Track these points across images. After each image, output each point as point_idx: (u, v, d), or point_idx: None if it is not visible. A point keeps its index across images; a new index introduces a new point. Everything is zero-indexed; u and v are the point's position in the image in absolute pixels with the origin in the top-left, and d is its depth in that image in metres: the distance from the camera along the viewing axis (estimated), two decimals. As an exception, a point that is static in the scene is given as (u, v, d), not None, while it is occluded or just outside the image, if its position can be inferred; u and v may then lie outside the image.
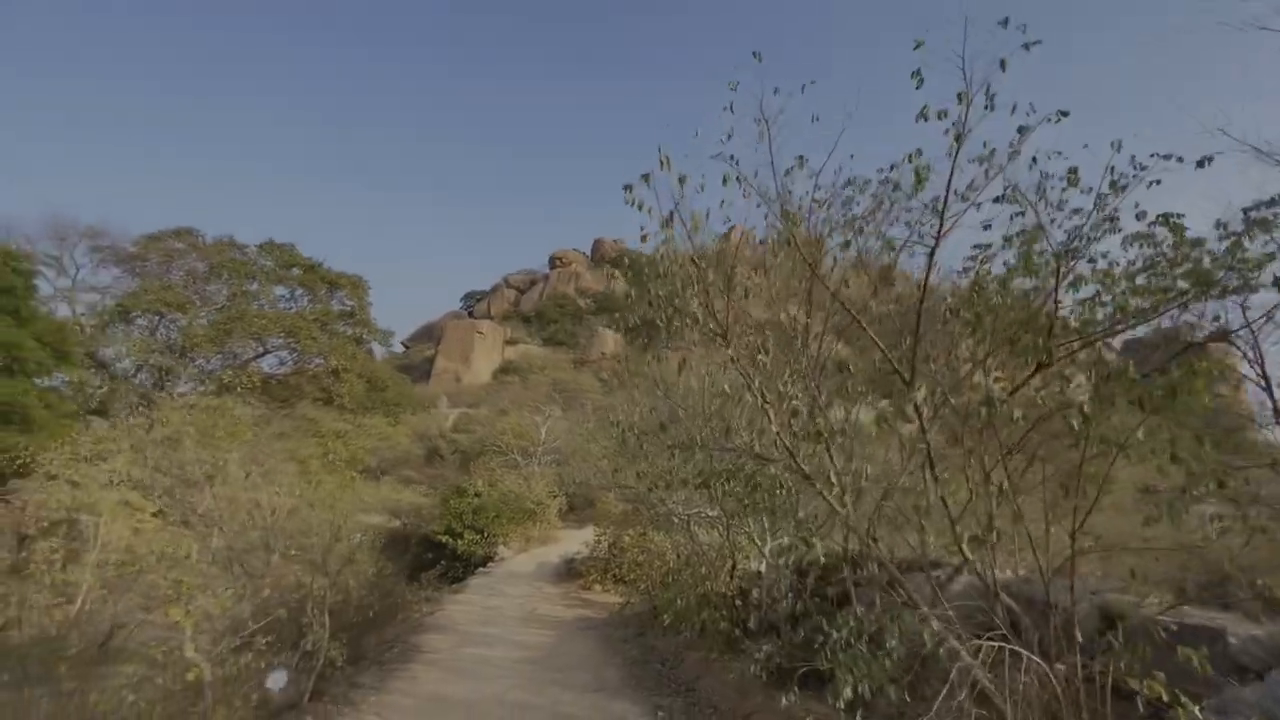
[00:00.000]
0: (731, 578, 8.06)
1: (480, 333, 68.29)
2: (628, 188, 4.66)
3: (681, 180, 4.71)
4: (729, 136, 4.64)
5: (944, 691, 3.48)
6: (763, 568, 8.60)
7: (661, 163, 4.61)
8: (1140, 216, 3.80)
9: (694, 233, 4.95)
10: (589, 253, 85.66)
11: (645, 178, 4.63)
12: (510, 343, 70.55)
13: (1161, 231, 3.75)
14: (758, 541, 8.39)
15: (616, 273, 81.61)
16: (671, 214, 4.86)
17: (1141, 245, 3.82)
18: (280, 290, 23.75)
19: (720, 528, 9.35)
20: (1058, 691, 3.44)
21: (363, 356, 24.18)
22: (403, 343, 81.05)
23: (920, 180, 4.25)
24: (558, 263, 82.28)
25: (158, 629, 9.76)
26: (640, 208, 4.81)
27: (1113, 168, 3.81)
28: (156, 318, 19.82)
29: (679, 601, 7.89)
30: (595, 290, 76.35)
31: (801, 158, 4.75)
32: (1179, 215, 3.70)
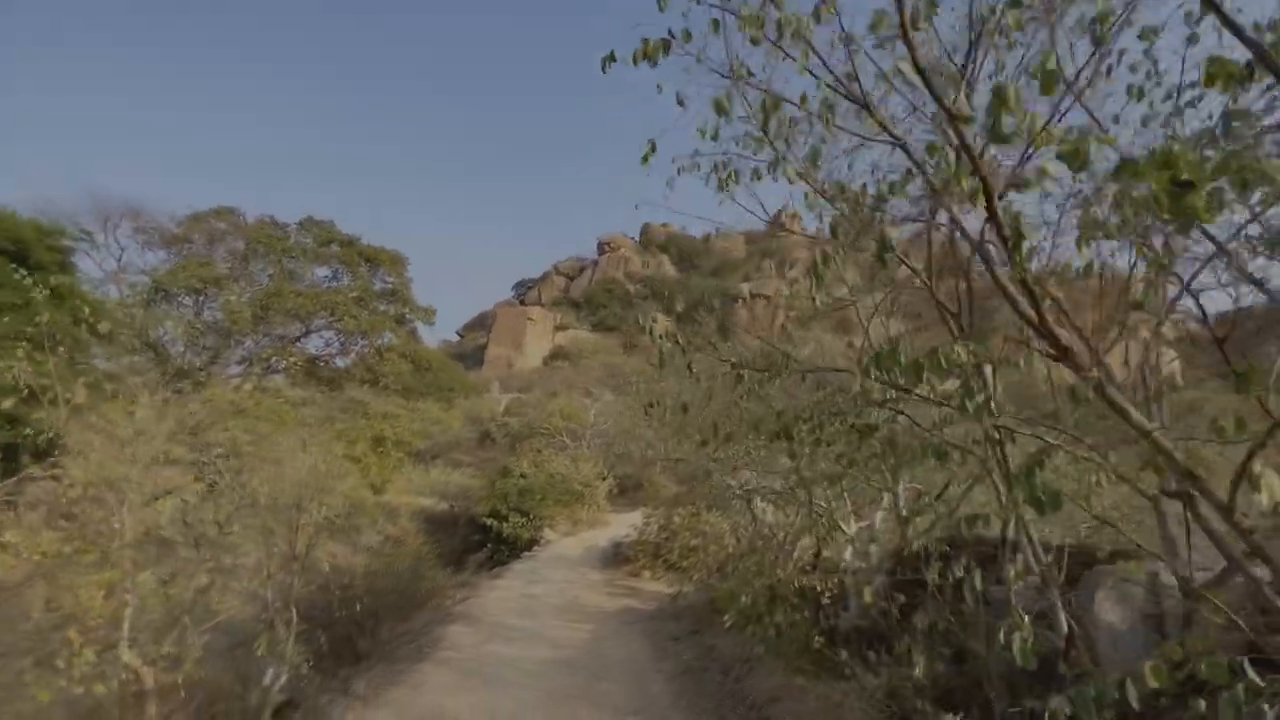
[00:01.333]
0: (814, 567, 6.27)
1: (531, 319, 67.82)
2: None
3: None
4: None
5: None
6: (847, 555, 6.80)
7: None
8: None
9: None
10: (637, 238, 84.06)
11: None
12: (560, 328, 69.82)
13: None
14: (841, 523, 6.58)
15: (665, 257, 79.74)
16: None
17: None
18: (322, 271, 23.00)
19: (790, 505, 7.57)
20: None
21: (404, 335, 23.22)
22: (457, 332, 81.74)
23: None
24: (606, 248, 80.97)
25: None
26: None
27: None
28: (200, 297, 19.25)
29: (743, 597, 6.17)
30: (643, 275, 74.77)
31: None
32: None
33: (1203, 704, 1.81)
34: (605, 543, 17.74)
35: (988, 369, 3.07)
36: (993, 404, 3.24)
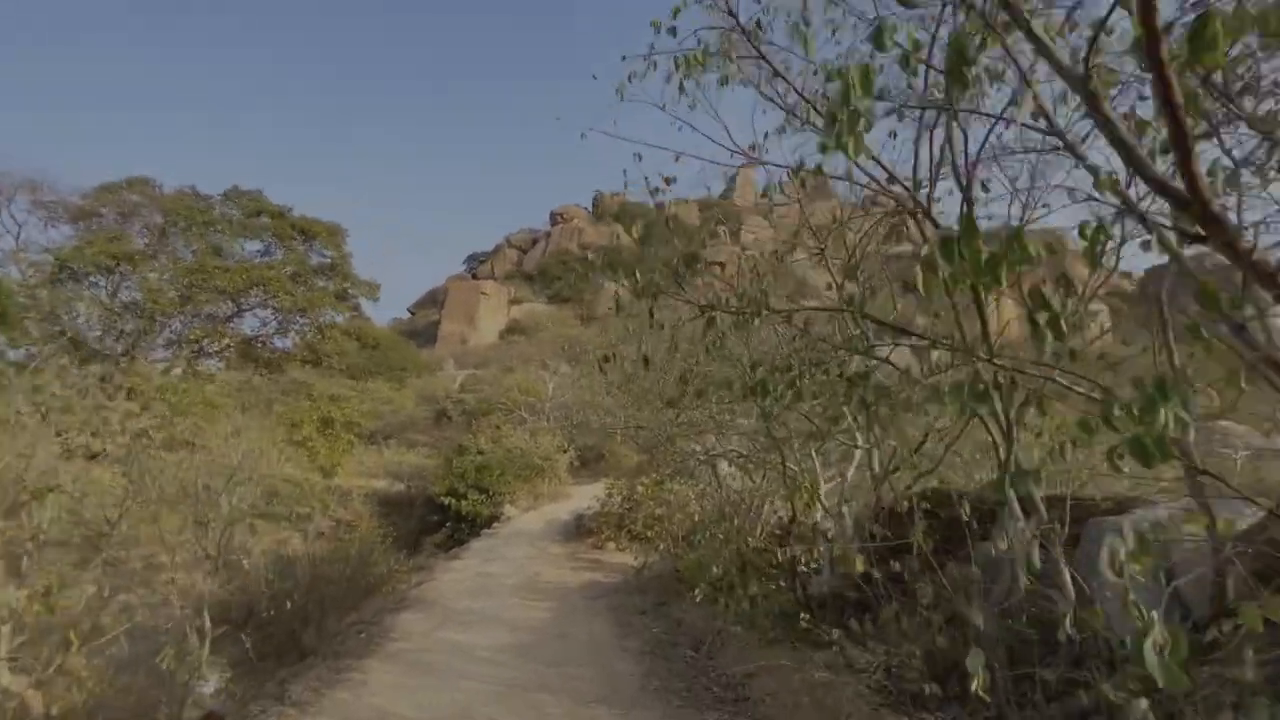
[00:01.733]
0: (787, 533, 5.91)
1: (484, 293, 66.02)
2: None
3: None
4: None
5: None
6: (818, 516, 6.49)
7: None
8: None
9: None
10: (590, 207, 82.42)
11: None
12: (515, 302, 68.25)
13: None
14: (807, 483, 6.23)
15: (620, 227, 78.58)
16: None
17: None
18: (254, 246, 21.43)
19: (759, 469, 7.20)
20: None
21: (347, 311, 21.97)
22: (408, 309, 79.10)
23: None
24: (559, 219, 79.17)
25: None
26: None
27: None
28: (112, 276, 17.61)
29: (714, 568, 5.78)
30: (597, 244, 73.51)
31: None
32: None
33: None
34: (567, 516, 17.33)
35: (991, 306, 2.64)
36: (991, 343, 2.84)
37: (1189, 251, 2.00)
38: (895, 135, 3.40)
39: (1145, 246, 1.96)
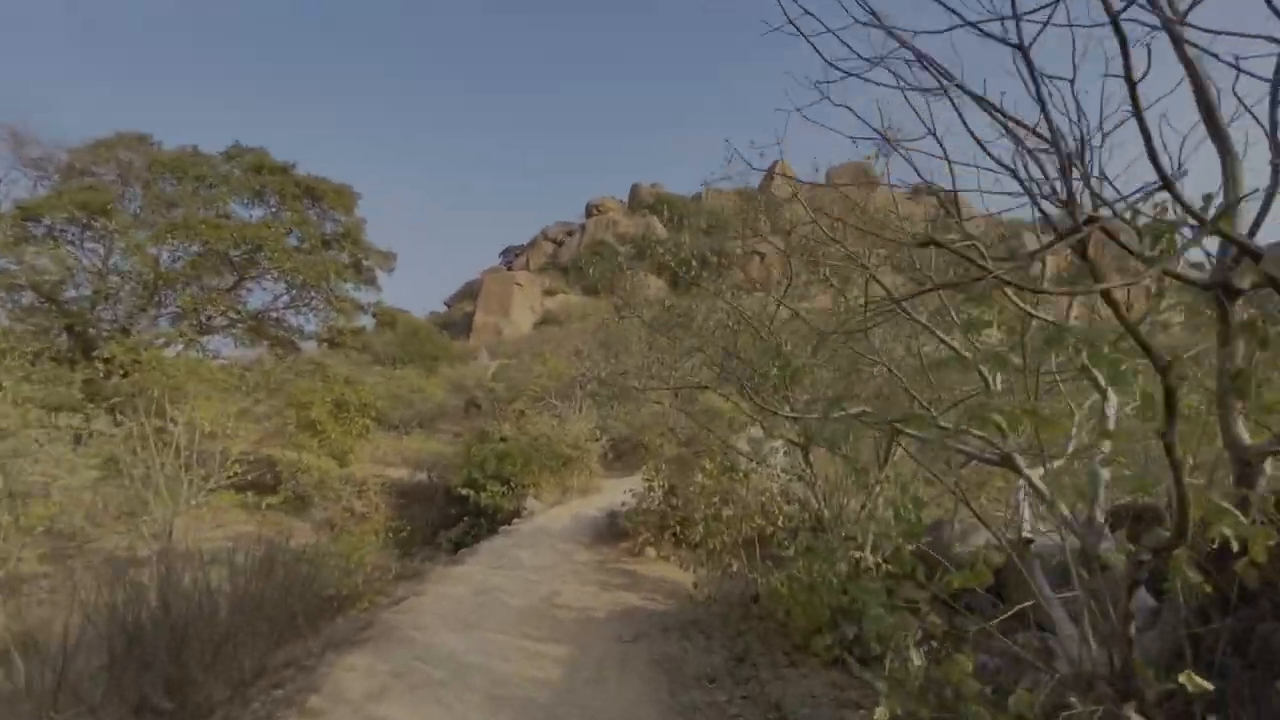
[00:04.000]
0: (930, 556, 2.90)
1: (518, 284, 64.09)
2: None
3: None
4: None
5: None
6: (1026, 514, 3.53)
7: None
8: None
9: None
10: (626, 199, 79.73)
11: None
12: (549, 293, 66.08)
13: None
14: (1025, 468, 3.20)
15: (654, 218, 75.66)
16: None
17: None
18: (258, 212, 19.16)
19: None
20: None
21: (355, 278, 19.54)
22: (444, 302, 77.88)
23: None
24: (595, 211, 76.69)
25: None
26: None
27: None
28: (100, 236, 15.45)
29: (874, 608, 2.83)
30: (633, 235, 70.77)
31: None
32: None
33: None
34: (597, 512, 14.48)
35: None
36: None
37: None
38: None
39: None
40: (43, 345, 14.32)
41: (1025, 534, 3.41)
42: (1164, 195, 1.95)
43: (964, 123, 2.23)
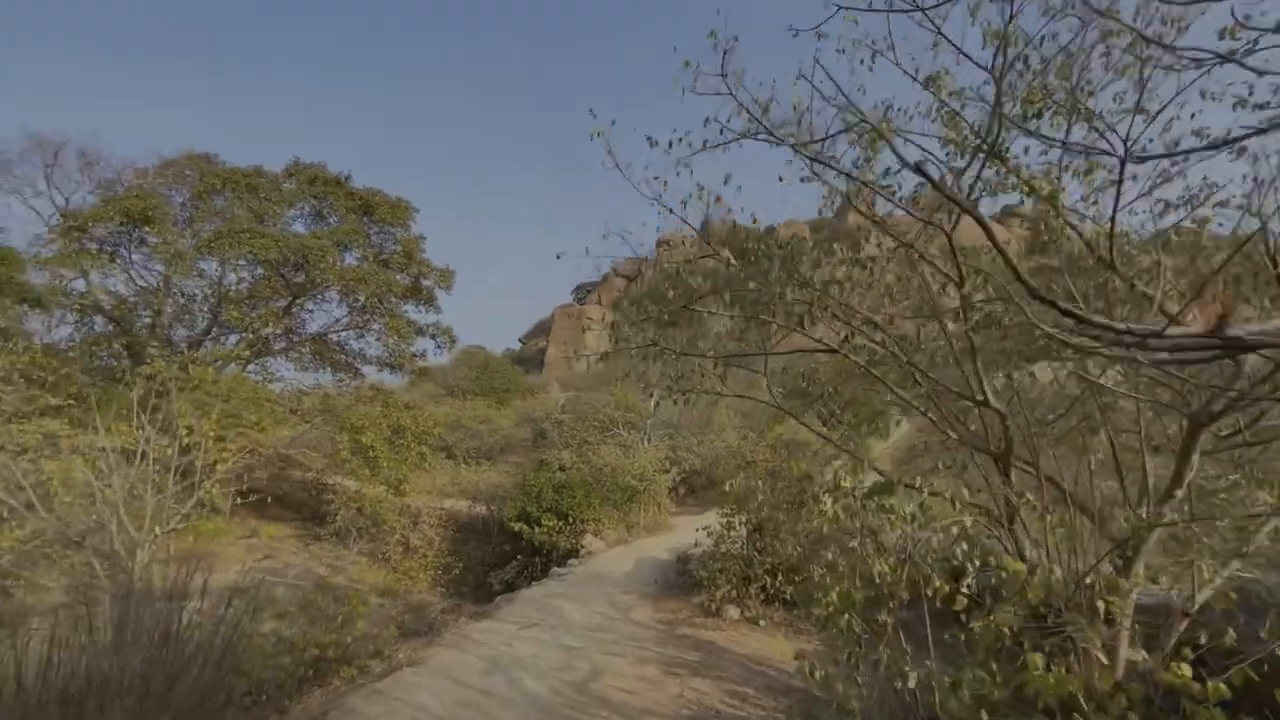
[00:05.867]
0: None
1: (589, 318, 63.62)
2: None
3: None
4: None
5: None
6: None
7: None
8: None
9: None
10: (696, 232, 78.49)
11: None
12: (617, 327, 65.10)
13: None
14: None
15: (725, 250, 73.68)
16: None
17: None
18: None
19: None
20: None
21: (420, 301, 18.34)
22: (519, 339, 78.73)
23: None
24: (664, 246, 75.77)
25: None
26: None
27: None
28: (127, 237, 14.79)
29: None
30: (705, 269, 69.05)
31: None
32: None
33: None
34: (665, 554, 11.98)
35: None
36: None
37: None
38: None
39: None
40: (108, 372, 13.67)
41: None
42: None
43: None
